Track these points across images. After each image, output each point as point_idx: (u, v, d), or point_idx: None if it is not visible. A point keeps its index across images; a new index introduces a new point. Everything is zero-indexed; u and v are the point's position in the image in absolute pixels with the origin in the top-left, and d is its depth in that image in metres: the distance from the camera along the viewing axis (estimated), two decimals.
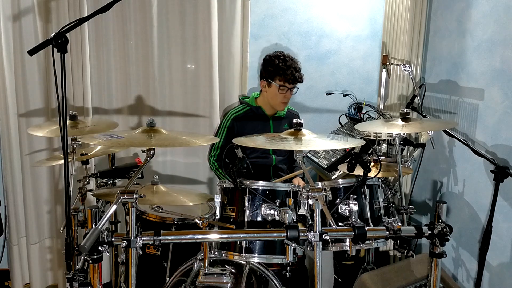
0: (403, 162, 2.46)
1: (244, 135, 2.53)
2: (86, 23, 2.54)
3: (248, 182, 1.72)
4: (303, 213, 1.66)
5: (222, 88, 2.85)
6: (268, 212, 1.68)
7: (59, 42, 1.32)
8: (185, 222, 2.05)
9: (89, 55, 2.65)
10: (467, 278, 2.42)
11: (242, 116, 2.61)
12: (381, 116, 2.81)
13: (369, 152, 2.24)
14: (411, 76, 2.68)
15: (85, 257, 1.27)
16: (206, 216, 1.75)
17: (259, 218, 1.70)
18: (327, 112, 3.15)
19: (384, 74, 2.88)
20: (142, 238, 1.30)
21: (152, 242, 1.32)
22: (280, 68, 2.44)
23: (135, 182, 1.93)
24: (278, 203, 1.71)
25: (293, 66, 2.45)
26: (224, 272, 1.67)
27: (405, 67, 2.66)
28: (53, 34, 1.33)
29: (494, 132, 2.20)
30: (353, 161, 1.79)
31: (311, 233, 1.33)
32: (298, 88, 2.52)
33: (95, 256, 1.27)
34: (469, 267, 2.41)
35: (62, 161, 2.07)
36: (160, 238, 1.32)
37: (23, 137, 2.70)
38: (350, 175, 1.87)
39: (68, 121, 1.85)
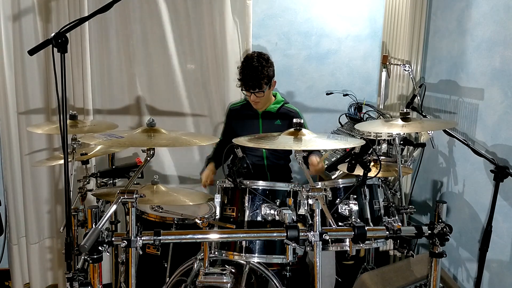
0: (403, 162, 2.46)
1: (237, 130, 2.56)
2: (87, 23, 2.54)
3: (248, 182, 1.72)
4: (303, 213, 1.66)
5: (222, 88, 2.86)
6: (268, 212, 1.68)
7: (59, 42, 1.33)
8: (185, 222, 2.05)
9: (90, 55, 2.65)
10: (467, 278, 2.42)
11: (237, 110, 2.65)
12: (381, 116, 2.81)
13: (369, 152, 2.24)
14: (411, 76, 2.68)
15: (85, 257, 1.27)
16: (206, 216, 1.75)
17: (259, 218, 1.70)
18: (327, 112, 3.15)
19: (384, 74, 2.88)
20: (142, 238, 1.30)
21: (152, 242, 1.32)
22: (240, 74, 2.43)
23: (135, 182, 1.93)
24: (278, 203, 1.71)
25: (249, 75, 2.38)
26: (224, 272, 1.67)
27: (405, 67, 2.66)
28: (53, 34, 1.33)
29: (494, 132, 2.20)
30: (353, 161, 1.79)
31: (311, 233, 1.33)
32: (264, 92, 2.43)
33: (95, 256, 1.26)
34: (469, 267, 2.41)
35: (62, 161, 2.08)
36: (160, 238, 1.32)
37: (23, 137, 2.70)
38: (350, 175, 1.87)
39: (68, 121, 1.85)
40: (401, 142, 2.37)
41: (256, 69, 2.37)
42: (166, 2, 2.71)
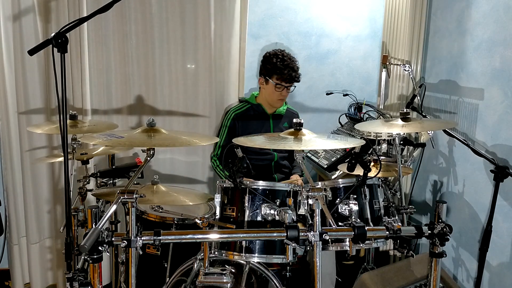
0: (403, 162, 2.46)
1: (245, 133, 2.56)
2: (86, 23, 2.54)
3: (248, 182, 1.72)
4: (303, 213, 1.66)
5: (222, 87, 2.86)
6: (268, 212, 1.68)
7: (59, 42, 1.33)
8: (185, 222, 2.05)
9: (89, 55, 2.65)
10: (467, 278, 2.42)
11: (243, 114, 2.63)
12: (381, 116, 2.81)
13: (369, 152, 2.24)
14: (411, 76, 2.68)
15: (85, 257, 1.27)
16: (206, 216, 1.75)
17: (259, 218, 1.70)
18: (327, 112, 3.16)
19: (384, 74, 2.88)
20: (142, 238, 1.30)
21: (152, 242, 1.31)
22: (277, 67, 2.47)
23: (135, 182, 1.93)
24: (278, 203, 1.71)
25: (290, 65, 2.47)
26: (224, 272, 1.67)
27: (405, 67, 2.66)
28: (53, 34, 1.33)
29: (494, 132, 2.20)
30: (353, 161, 1.79)
31: (311, 233, 1.33)
32: (295, 87, 2.54)
33: (95, 256, 1.26)
34: (469, 267, 2.41)
35: (62, 159, 2.07)
36: (160, 238, 1.32)
37: (23, 137, 2.70)
38: (350, 175, 1.87)
39: (68, 121, 1.85)
40: (401, 142, 2.37)
41: (295, 62, 2.50)
42: (163, 1, 2.71)
